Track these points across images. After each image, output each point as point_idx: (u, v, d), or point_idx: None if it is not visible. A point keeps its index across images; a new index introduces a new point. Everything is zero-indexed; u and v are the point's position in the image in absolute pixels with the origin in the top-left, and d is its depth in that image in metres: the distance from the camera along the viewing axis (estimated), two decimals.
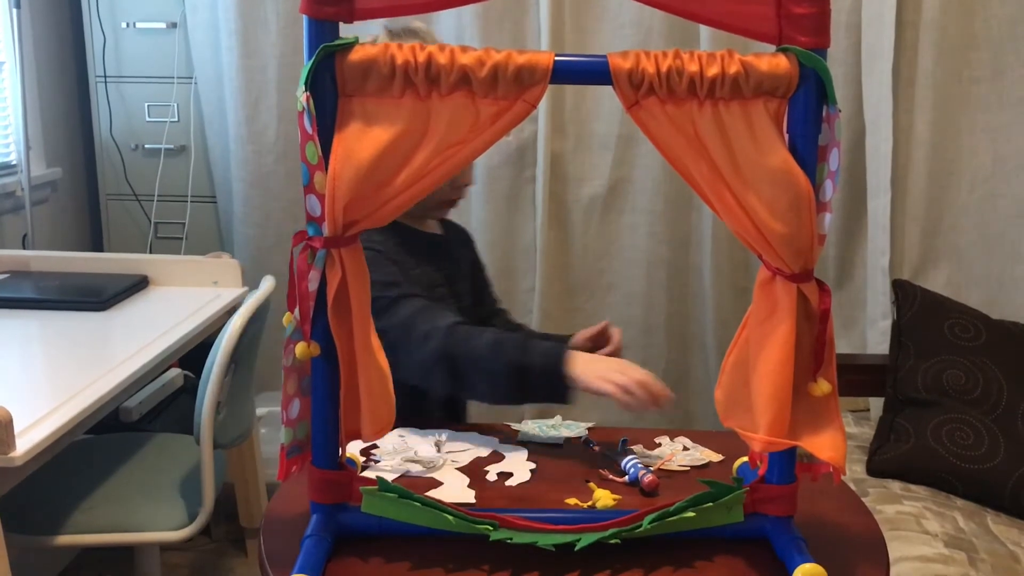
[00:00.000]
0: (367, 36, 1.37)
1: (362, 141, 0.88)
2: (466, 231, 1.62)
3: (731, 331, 1.11)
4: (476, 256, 1.62)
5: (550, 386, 1.20)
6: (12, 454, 1.31)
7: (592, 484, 1.12)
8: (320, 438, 0.97)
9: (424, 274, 1.42)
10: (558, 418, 1.34)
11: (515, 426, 1.32)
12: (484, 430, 1.31)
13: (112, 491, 1.81)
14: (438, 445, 1.23)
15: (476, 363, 1.23)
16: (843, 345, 2.41)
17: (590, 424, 1.32)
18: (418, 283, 1.39)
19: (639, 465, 1.14)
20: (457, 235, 1.58)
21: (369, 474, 1.13)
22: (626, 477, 1.14)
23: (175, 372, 2.49)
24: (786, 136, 0.91)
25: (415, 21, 1.41)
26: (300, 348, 0.93)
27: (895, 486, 1.86)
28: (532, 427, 1.31)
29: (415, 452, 1.20)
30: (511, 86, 0.88)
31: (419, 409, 1.35)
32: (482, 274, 1.62)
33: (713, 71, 0.88)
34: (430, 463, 1.18)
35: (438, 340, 1.24)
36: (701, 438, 1.32)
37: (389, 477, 1.12)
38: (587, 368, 1.19)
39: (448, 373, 1.25)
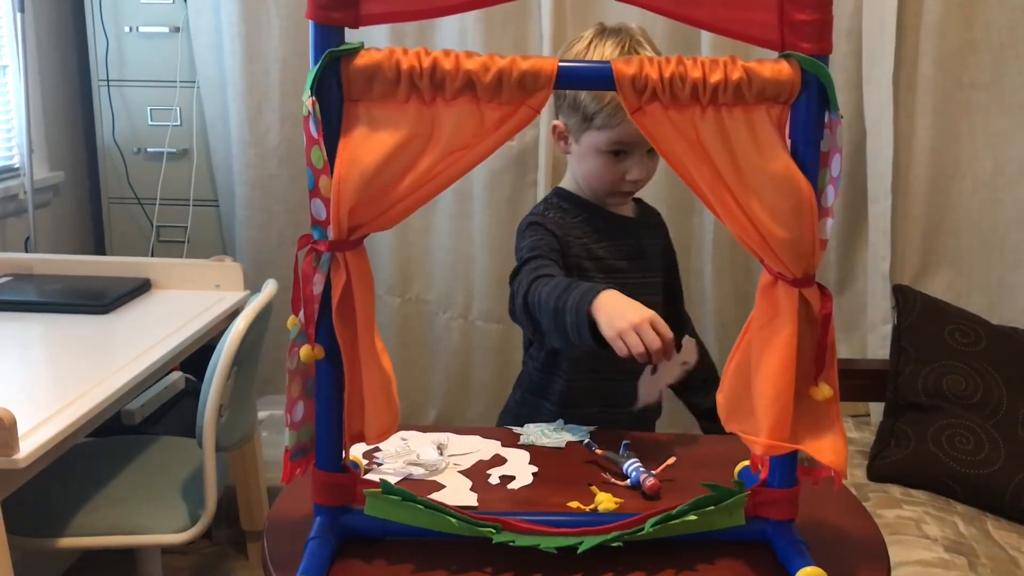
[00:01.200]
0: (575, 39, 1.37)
1: (367, 145, 0.89)
2: (659, 215, 1.59)
3: (733, 335, 1.11)
4: (668, 242, 1.58)
5: (580, 330, 1.17)
6: (15, 456, 1.32)
7: (594, 487, 1.12)
8: (324, 441, 0.98)
9: (602, 249, 1.43)
10: (560, 422, 1.35)
11: (517, 430, 1.32)
12: (486, 433, 1.31)
13: (114, 494, 1.82)
14: (440, 448, 1.23)
15: (540, 309, 1.24)
16: (843, 350, 2.41)
17: (592, 428, 1.32)
18: (590, 258, 1.41)
19: (641, 469, 1.14)
20: (649, 218, 1.56)
21: (372, 477, 1.13)
22: (628, 480, 1.15)
23: (177, 375, 2.50)
24: (788, 141, 0.92)
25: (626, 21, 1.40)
26: (304, 351, 0.93)
27: (895, 491, 1.86)
28: (534, 431, 1.31)
29: (418, 455, 1.21)
30: (515, 91, 0.89)
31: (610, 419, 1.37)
32: (674, 262, 1.59)
33: (716, 77, 0.88)
34: (432, 466, 1.18)
35: (523, 291, 1.28)
36: (703, 441, 1.32)
37: (392, 480, 1.12)
38: (610, 318, 1.14)
39: (531, 321, 1.28)
